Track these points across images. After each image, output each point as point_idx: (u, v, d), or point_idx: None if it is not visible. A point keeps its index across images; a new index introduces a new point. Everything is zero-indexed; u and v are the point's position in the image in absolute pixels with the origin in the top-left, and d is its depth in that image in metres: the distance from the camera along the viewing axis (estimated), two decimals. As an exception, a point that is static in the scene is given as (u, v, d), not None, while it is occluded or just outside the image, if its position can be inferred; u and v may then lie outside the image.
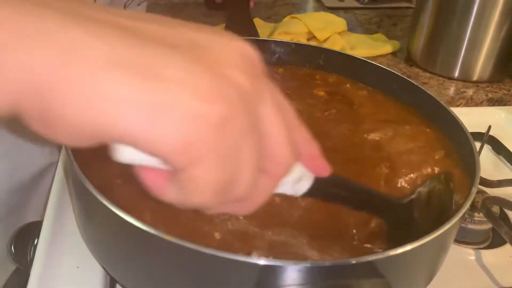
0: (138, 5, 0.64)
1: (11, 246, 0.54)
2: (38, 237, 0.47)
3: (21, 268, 0.57)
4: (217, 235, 0.35)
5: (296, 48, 0.61)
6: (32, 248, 0.50)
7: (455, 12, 0.79)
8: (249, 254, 0.29)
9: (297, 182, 0.29)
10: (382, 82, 0.56)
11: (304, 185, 0.29)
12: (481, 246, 0.54)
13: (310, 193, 0.30)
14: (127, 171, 0.23)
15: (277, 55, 0.61)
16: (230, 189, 0.22)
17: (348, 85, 0.57)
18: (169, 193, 0.23)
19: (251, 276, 0.29)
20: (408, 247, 0.32)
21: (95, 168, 0.37)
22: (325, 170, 0.30)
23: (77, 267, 0.42)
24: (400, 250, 0.31)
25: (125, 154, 0.22)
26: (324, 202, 0.35)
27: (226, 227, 0.36)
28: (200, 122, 0.20)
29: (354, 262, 0.29)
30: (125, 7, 0.61)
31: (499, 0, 0.76)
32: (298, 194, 0.30)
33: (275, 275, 0.28)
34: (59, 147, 0.59)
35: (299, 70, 0.60)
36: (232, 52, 0.23)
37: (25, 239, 0.52)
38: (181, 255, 0.30)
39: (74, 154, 0.36)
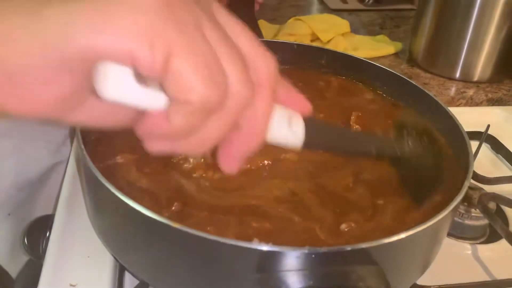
0: None
1: (24, 239, 0.57)
2: (50, 230, 0.49)
3: (33, 260, 0.59)
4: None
5: (298, 49, 0.62)
6: (44, 240, 0.52)
7: (456, 14, 0.81)
8: (250, 240, 0.31)
9: (289, 122, 0.27)
10: (382, 82, 0.58)
11: (298, 127, 0.28)
12: (478, 241, 0.55)
13: (309, 140, 0.28)
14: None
15: (280, 56, 0.63)
16: (222, 80, 0.22)
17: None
18: (173, 125, 0.22)
19: (252, 261, 0.31)
20: (401, 236, 0.33)
21: (106, 161, 0.39)
22: (306, 105, 0.28)
23: (88, 257, 0.45)
24: (393, 238, 0.33)
25: (110, 86, 0.21)
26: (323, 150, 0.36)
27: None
28: (143, 7, 0.20)
29: (349, 249, 0.31)
30: None
31: (499, 2, 0.77)
32: (299, 138, 0.28)
33: (274, 261, 0.30)
34: (65, 146, 0.62)
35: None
36: None
37: (38, 232, 0.55)
38: (188, 242, 0.32)
39: (86, 146, 0.38)
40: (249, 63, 0.23)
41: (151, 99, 0.22)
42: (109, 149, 0.44)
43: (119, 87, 0.21)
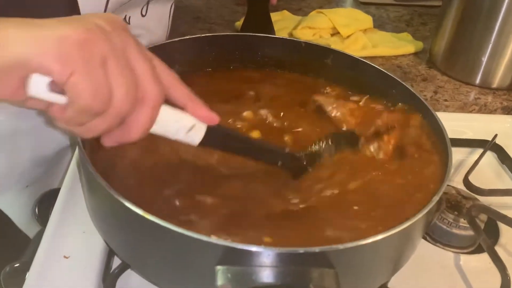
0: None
1: (35, 209, 0.61)
2: (58, 203, 0.53)
3: (44, 229, 0.64)
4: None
5: (306, 47, 0.64)
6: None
7: (479, 18, 0.79)
8: (209, 235, 0.34)
9: (189, 130, 0.37)
10: (382, 84, 0.58)
11: (197, 134, 0.37)
12: (466, 250, 0.56)
13: (207, 142, 0.38)
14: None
15: (287, 53, 0.64)
16: (107, 96, 0.32)
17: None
18: (66, 115, 0.32)
19: (212, 255, 0.33)
20: (361, 242, 0.35)
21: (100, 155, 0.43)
22: (212, 118, 0.37)
23: (83, 232, 0.48)
24: (350, 244, 0.35)
25: (31, 87, 0.31)
26: (222, 151, 0.43)
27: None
28: (64, 41, 0.30)
29: (302, 251, 0.33)
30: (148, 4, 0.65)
31: (524, 7, 0.75)
32: (195, 142, 0.38)
33: (232, 256, 0.33)
34: None
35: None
36: (99, 14, 0.33)
37: (47, 203, 0.59)
38: (158, 232, 0.35)
39: (83, 142, 0.42)
40: (140, 85, 0.33)
41: (57, 98, 0.32)
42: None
43: (37, 87, 0.32)
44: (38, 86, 0.31)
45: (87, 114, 0.32)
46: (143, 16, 0.66)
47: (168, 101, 0.36)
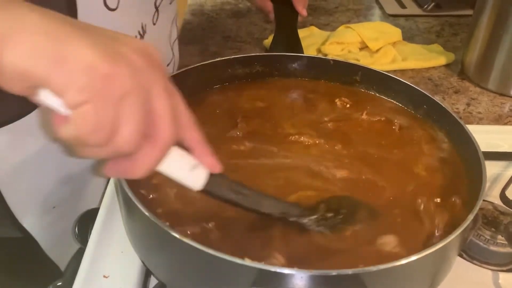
0: (170, 3, 0.66)
1: (75, 228, 0.64)
2: (96, 223, 0.55)
3: (83, 248, 0.66)
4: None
5: (334, 65, 0.64)
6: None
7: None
8: (242, 258, 0.34)
9: (192, 168, 0.36)
10: (412, 99, 0.58)
11: (200, 176, 0.36)
12: (504, 268, 0.54)
13: (208, 191, 0.37)
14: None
15: (316, 70, 0.65)
16: (111, 132, 0.30)
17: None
18: (64, 129, 0.30)
19: (245, 277, 0.34)
20: (394, 264, 0.35)
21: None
22: (215, 166, 0.37)
23: (121, 252, 0.50)
24: (383, 266, 0.35)
25: (41, 97, 0.30)
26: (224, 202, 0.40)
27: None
28: (90, 72, 0.29)
29: (334, 273, 0.33)
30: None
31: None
32: (196, 186, 0.36)
33: (265, 278, 0.33)
34: None
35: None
36: (133, 42, 0.32)
37: (87, 222, 0.62)
38: (192, 254, 0.36)
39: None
40: (156, 125, 0.32)
41: (61, 109, 0.31)
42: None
43: (46, 98, 0.31)
44: (47, 96, 0.30)
45: (81, 142, 0.30)
46: (154, 24, 0.62)
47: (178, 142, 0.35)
